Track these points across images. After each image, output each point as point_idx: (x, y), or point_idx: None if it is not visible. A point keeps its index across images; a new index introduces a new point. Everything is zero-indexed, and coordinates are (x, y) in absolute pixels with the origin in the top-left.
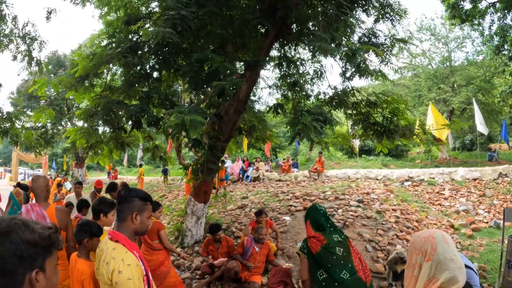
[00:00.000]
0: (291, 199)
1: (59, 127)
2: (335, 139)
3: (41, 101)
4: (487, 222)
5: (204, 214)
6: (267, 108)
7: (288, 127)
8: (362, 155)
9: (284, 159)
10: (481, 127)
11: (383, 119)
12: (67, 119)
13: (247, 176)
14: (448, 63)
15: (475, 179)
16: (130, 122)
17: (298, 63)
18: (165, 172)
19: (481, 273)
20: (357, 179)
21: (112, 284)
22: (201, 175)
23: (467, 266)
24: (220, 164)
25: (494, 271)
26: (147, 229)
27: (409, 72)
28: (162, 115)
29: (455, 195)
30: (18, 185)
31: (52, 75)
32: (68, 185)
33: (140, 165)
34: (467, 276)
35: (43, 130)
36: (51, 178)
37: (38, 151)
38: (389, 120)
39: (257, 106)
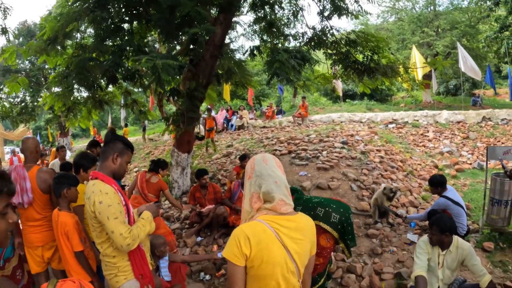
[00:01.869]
0: (276, 144)
1: (39, 99)
2: (315, 80)
3: (18, 75)
4: (470, 164)
5: (188, 164)
6: (244, 52)
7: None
8: (347, 100)
9: (267, 106)
10: (472, 71)
11: (364, 58)
12: (45, 89)
13: (231, 125)
14: (432, 7)
15: (458, 122)
16: (105, 79)
17: (272, 1)
18: (143, 129)
19: (466, 213)
20: (341, 122)
21: (96, 216)
22: (182, 125)
23: (457, 204)
24: (207, 113)
25: (477, 210)
26: (124, 174)
27: (392, 16)
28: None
29: (439, 137)
30: None
31: (24, 47)
32: (68, 153)
33: (125, 125)
34: (457, 213)
35: (22, 104)
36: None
37: (18, 122)
38: (369, 58)
39: (238, 56)
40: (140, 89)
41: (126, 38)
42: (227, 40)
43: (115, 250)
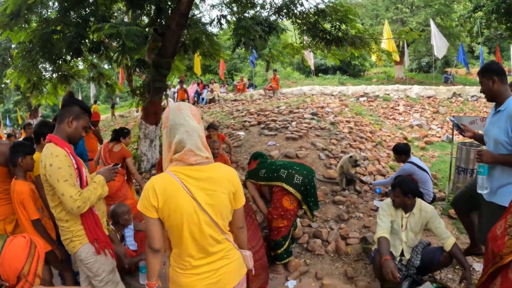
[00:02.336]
0: (246, 116)
1: (7, 81)
2: (285, 51)
3: None
4: (439, 137)
5: (157, 136)
6: (211, 22)
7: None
8: (319, 74)
9: (239, 79)
10: (439, 49)
11: (332, 27)
12: (12, 70)
13: (202, 99)
14: None
15: (429, 97)
16: (69, 52)
17: None
18: (112, 106)
19: (432, 181)
20: (312, 95)
21: (47, 179)
22: (148, 95)
23: (422, 169)
24: (179, 85)
25: (445, 179)
26: (80, 137)
27: None
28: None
29: (409, 110)
30: None
31: None
32: None
33: (95, 102)
34: (423, 179)
35: None
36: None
37: None
38: (337, 27)
39: (209, 30)
40: (108, 65)
41: (91, 9)
42: (196, 13)
43: (67, 214)
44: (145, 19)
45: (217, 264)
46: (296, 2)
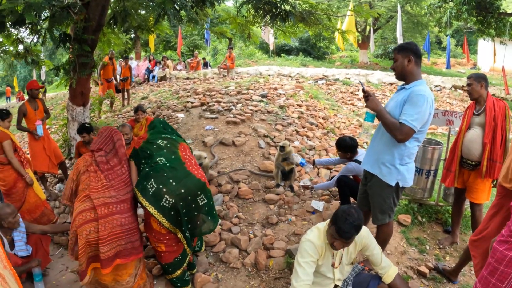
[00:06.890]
0: (191, 96)
1: None
2: (231, 26)
3: None
4: None
5: (86, 118)
6: None
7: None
8: (282, 55)
9: (192, 56)
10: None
11: None
12: None
13: (153, 76)
14: None
15: (391, 84)
16: None
17: None
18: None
19: None
20: (268, 75)
21: None
22: (73, 73)
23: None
24: (125, 62)
25: None
26: None
27: None
28: None
29: None
30: None
31: None
32: None
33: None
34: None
35: None
36: None
37: None
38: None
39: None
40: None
41: None
42: None
43: None
44: None
45: None
46: None
